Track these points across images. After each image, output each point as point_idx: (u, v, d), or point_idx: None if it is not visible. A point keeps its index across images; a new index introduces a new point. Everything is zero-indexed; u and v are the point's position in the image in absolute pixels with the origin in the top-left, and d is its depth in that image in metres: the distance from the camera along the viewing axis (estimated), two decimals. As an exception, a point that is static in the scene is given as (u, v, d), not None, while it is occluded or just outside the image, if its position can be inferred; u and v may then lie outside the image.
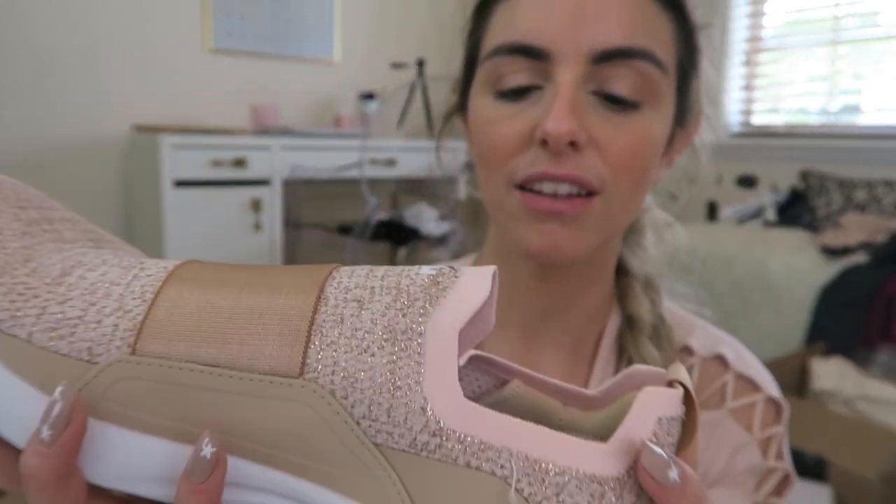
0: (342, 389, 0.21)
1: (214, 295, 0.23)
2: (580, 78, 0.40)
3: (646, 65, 0.41)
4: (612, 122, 0.41)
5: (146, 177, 2.31)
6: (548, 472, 0.21)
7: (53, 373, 0.22)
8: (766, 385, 0.50)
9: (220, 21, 2.69)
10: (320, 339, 0.22)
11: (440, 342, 0.22)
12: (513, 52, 0.42)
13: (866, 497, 1.36)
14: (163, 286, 0.24)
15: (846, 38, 2.67)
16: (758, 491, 0.48)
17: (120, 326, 0.23)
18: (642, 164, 0.42)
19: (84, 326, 0.23)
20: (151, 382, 0.22)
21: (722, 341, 0.51)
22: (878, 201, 2.40)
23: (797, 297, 2.05)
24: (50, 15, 2.39)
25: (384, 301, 0.23)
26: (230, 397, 0.22)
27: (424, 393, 0.21)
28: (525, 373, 0.28)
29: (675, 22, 0.44)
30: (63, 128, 2.47)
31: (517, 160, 0.42)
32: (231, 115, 2.76)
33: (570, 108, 0.39)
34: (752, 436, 0.48)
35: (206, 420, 0.22)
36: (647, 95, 0.41)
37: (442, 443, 0.21)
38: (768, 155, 2.92)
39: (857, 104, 2.73)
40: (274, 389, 0.22)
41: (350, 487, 0.22)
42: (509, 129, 0.42)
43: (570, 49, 0.40)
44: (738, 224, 2.72)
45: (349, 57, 3.04)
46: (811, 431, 1.54)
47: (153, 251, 2.28)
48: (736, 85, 3.05)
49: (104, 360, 0.22)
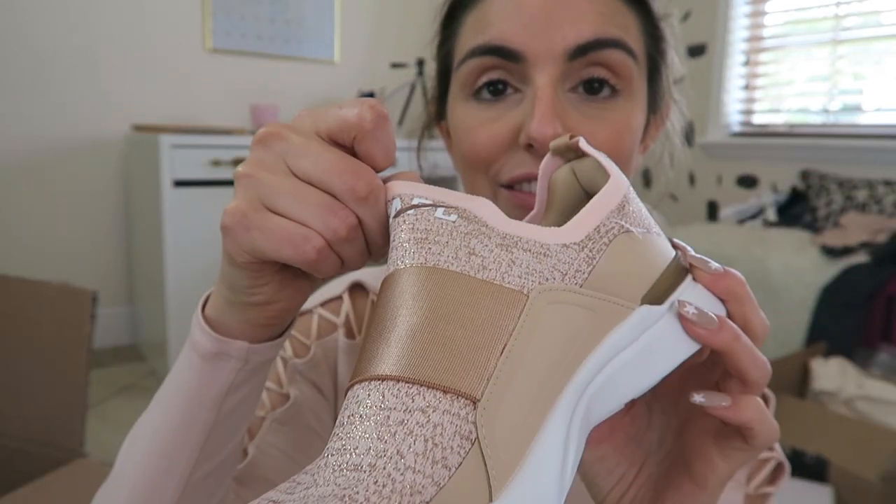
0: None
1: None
2: (557, 78, 0.42)
3: (619, 53, 0.42)
4: (592, 117, 0.42)
5: (146, 177, 2.31)
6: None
7: None
8: None
9: (220, 21, 2.69)
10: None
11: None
12: (486, 53, 0.42)
13: (867, 497, 1.36)
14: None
15: (847, 37, 2.67)
16: (750, 482, 0.49)
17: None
18: (624, 153, 0.43)
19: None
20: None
21: None
22: (878, 201, 2.40)
23: (797, 297, 2.05)
24: (50, 15, 2.39)
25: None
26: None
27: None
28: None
29: (640, 15, 0.45)
30: (63, 128, 2.46)
31: (501, 162, 0.43)
32: (231, 115, 2.76)
33: (552, 111, 0.40)
34: None
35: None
36: (623, 84, 0.43)
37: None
38: (768, 155, 2.91)
39: (858, 104, 2.72)
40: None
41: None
42: (491, 132, 0.43)
43: (545, 50, 0.41)
44: (739, 224, 2.72)
45: (349, 57, 3.04)
46: (812, 432, 1.53)
47: (153, 251, 2.28)
48: (736, 84, 3.05)
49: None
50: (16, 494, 1.03)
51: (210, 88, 2.72)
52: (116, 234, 2.63)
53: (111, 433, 1.96)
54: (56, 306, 1.21)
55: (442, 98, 0.50)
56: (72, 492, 1.07)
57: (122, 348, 2.65)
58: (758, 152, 2.96)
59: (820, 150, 2.71)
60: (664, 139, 0.53)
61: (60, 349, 1.19)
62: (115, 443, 1.91)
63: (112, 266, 2.63)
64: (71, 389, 1.18)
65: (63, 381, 1.18)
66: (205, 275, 2.26)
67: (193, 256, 2.23)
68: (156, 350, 2.39)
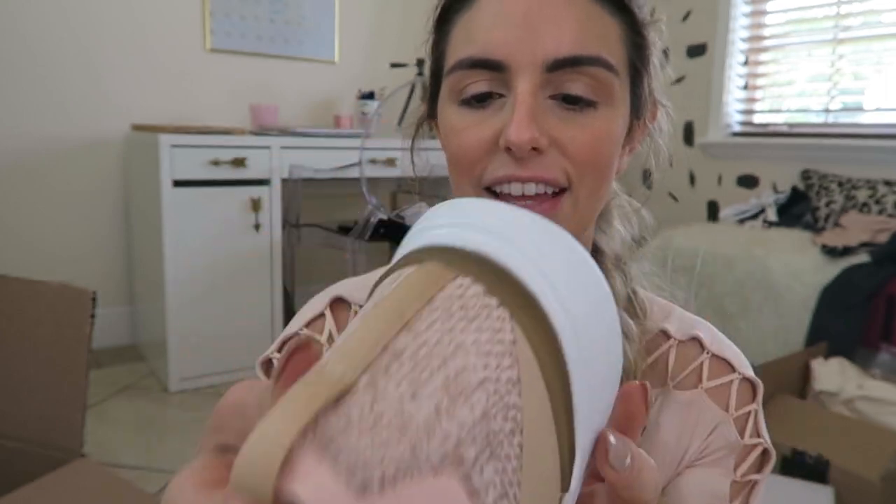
0: None
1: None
2: (537, 86, 0.43)
3: (596, 69, 0.43)
4: (571, 123, 0.44)
5: (145, 176, 2.31)
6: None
7: None
8: (740, 365, 0.52)
9: (220, 21, 2.69)
10: None
11: None
12: (473, 66, 0.44)
13: (867, 497, 1.36)
14: None
15: (847, 36, 2.67)
16: (737, 469, 0.50)
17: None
18: (604, 158, 0.45)
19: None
20: None
21: (697, 324, 0.54)
22: (878, 201, 2.40)
23: (798, 297, 2.05)
24: (50, 15, 2.39)
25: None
26: None
27: None
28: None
29: (624, 23, 0.46)
30: (63, 127, 2.46)
31: (484, 164, 0.45)
32: (230, 115, 2.76)
33: (530, 117, 0.42)
34: (728, 414, 0.50)
35: None
36: (602, 96, 0.44)
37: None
38: (769, 154, 2.91)
39: (859, 103, 2.72)
40: None
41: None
42: (475, 136, 0.45)
43: (526, 60, 0.43)
44: (739, 224, 2.72)
45: (349, 57, 3.04)
46: (812, 432, 1.53)
47: (153, 251, 2.28)
48: (736, 84, 3.05)
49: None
50: (15, 494, 1.03)
51: (210, 88, 2.72)
52: (116, 234, 2.63)
53: (111, 433, 1.96)
54: (56, 306, 1.21)
55: (434, 97, 0.52)
56: (71, 492, 1.06)
57: (122, 348, 2.65)
58: (758, 152, 2.96)
59: (820, 150, 2.71)
60: (650, 141, 0.54)
61: (60, 349, 1.19)
62: (115, 443, 1.91)
63: (112, 266, 2.63)
64: (70, 389, 1.18)
65: (63, 381, 1.18)
66: (204, 275, 2.26)
67: (193, 256, 2.22)
68: (155, 350, 2.39)
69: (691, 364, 0.52)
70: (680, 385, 0.51)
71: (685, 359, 0.52)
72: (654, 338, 0.53)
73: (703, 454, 0.50)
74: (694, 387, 0.51)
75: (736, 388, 0.51)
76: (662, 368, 0.52)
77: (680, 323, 0.53)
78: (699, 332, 0.52)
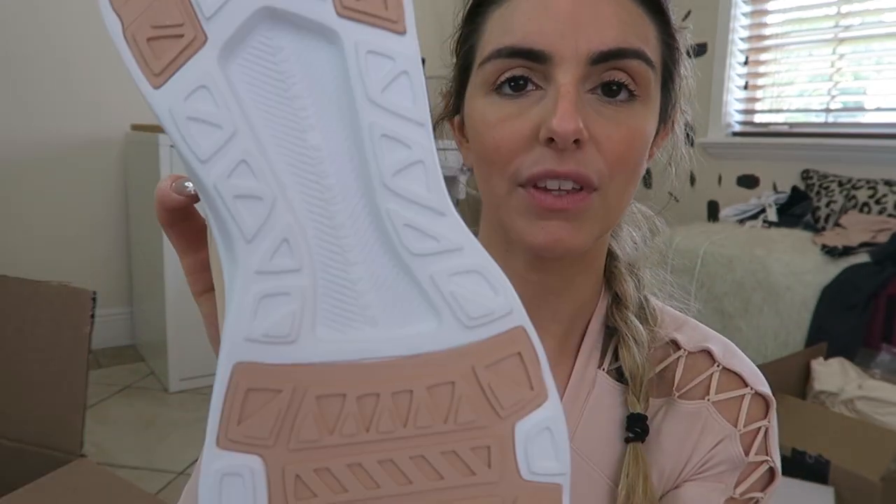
0: None
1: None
2: (579, 79, 0.43)
3: (638, 63, 0.43)
4: (608, 119, 0.43)
5: (145, 176, 2.30)
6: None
7: None
8: (754, 381, 0.51)
9: (220, 20, 2.69)
10: None
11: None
12: (512, 55, 0.43)
13: (868, 498, 1.36)
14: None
15: (847, 36, 2.67)
16: (739, 486, 0.49)
17: None
18: (635, 157, 0.45)
19: None
20: None
21: (710, 338, 0.53)
22: (879, 201, 2.40)
23: (798, 297, 2.05)
24: (50, 15, 2.39)
25: None
26: None
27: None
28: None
29: (659, 25, 0.46)
30: (63, 127, 2.46)
31: (521, 159, 0.44)
32: (231, 115, 2.75)
33: (575, 108, 0.41)
34: (735, 429, 0.50)
35: None
36: (640, 91, 0.44)
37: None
38: (769, 154, 2.91)
39: (859, 103, 2.72)
40: None
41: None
42: (512, 128, 0.44)
43: (569, 52, 0.42)
44: (739, 224, 2.71)
45: (349, 56, 3.04)
46: (812, 432, 1.53)
47: (153, 251, 2.28)
48: (736, 84, 3.05)
49: None
50: (15, 495, 1.03)
51: (210, 88, 2.72)
52: (116, 234, 2.63)
53: (110, 434, 1.96)
54: (56, 306, 1.21)
55: (458, 94, 0.50)
56: (71, 492, 1.06)
57: (122, 349, 2.65)
58: (758, 152, 2.96)
59: (821, 150, 2.71)
60: (671, 148, 0.54)
61: (60, 349, 1.19)
62: (115, 443, 1.90)
63: (112, 266, 2.63)
64: (70, 390, 1.17)
65: (62, 381, 1.18)
66: (205, 275, 2.26)
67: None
68: (155, 351, 2.38)
69: (700, 376, 0.51)
70: (686, 395, 0.51)
71: (693, 370, 0.51)
72: (664, 347, 0.52)
73: (705, 467, 0.49)
74: (701, 398, 0.50)
75: (747, 404, 0.50)
76: (670, 378, 0.51)
77: (692, 334, 0.53)
78: (711, 345, 0.52)
